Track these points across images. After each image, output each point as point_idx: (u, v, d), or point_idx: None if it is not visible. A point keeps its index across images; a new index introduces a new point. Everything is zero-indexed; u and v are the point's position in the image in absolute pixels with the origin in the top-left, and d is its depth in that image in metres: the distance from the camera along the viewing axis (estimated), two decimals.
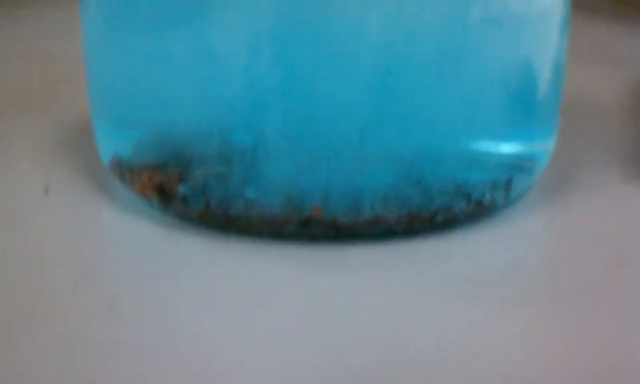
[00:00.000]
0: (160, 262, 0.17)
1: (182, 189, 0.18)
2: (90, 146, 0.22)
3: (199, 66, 0.17)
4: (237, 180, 0.17)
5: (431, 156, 0.17)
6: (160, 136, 0.18)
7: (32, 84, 0.34)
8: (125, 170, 0.19)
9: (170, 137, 0.18)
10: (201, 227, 0.18)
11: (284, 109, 0.17)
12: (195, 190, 0.17)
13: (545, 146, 0.20)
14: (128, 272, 0.16)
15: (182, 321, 0.14)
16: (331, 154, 0.17)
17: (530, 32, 0.18)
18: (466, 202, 0.18)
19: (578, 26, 0.24)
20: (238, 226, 0.17)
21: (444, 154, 0.17)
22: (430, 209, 0.17)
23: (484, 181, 0.18)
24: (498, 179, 0.18)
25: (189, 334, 0.14)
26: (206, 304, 0.15)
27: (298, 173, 0.17)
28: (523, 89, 0.19)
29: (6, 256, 0.17)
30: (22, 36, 0.47)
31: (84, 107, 0.21)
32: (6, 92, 0.32)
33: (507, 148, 0.19)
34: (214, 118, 0.17)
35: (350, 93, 0.16)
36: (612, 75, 0.35)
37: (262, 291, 0.15)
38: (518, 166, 0.19)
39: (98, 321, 0.14)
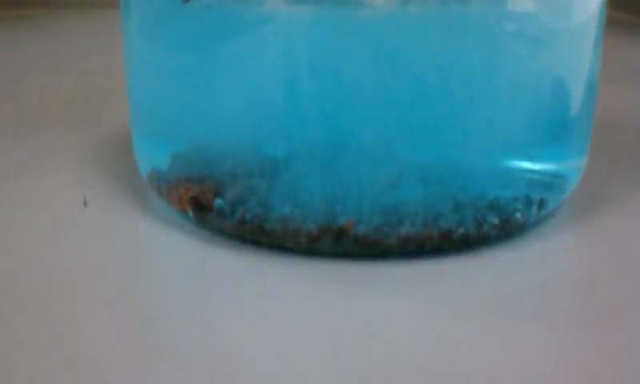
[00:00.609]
0: (196, 276, 0.17)
1: (217, 202, 0.18)
2: (129, 160, 0.22)
3: (236, 83, 0.17)
4: (272, 194, 0.17)
5: (463, 173, 0.17)
6: (197, 150, 0.19)
7: (73, 97, 0.34)
8: (162, 184, 0.19)
9: (207, 151, 0.19)
10: (236, 241, 0.18)
11: (318, 124, 0.17)
12: (231, 204, 0.18)
13: (577, 164, 0.20)
14: (164, 286, 0.17)
15: (217, 334, 0.15)
16: (364, 170, 0.17)
17: (563, 51, 0.18)
18: (498, 219, 0.18)
19: (611, 44, 0.24)
20: (273, 240, 0.17)
21: (476, 172, 0.18)
22: (462, 226, 0.17)
23: (516, 198, 0.18)
24: (530, 197, 0.18)
25: (224, 347, 0.14)
26: (240, 318, 0.15)
27: (331, 188, 0.17)
28: (556, 107, 0.19)
29: (44, 267, 0.17)
30: (64, 49, 0.48)
31: (124, 121, 0.22)
32: (48, 105, 0.33)
33: (539, 166, 0.19)
34: (249, 132, 0.18)
35: (383, 109, 0.17)
36: None
37: (295, 306, 0.16)
38: (550, 183, 0.19)
39: (135, 333, 0.15)
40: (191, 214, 0.19)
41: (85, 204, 0.21)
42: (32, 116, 0.32)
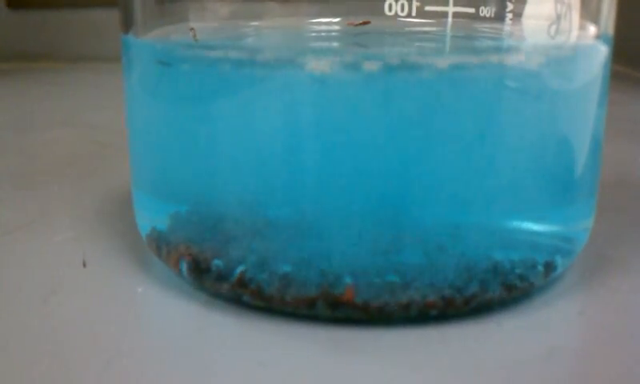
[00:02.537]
0: (192, 341, 0.17)
1: (216, 264, 0.18)
2: (129, 218, 0.22)
3: (236, 144, 0.17)
4: (271, 257, 0.17)
5: (467, 236, 0.17)
6: (197, 211, 0.19)
7: (78, 152, 0.35)
8: (161, 244, 0.19)
9: (206, 212, 0.18)
10: (235, 305, 0.18)
11: (319, 186, 0.17)
12: (229, 266, 0.18)
13: (584, 225, 0.20)
14: (160, 351, 0.16)
15: None
16: (364, 233, 0.17)
17: (568, 110, 0.18)
18: (502, 283, 0.17)
19: (615, 100, 0.24)
20: (271, 304, 0.17)
21: (480, 234, 0.17)
22: (466, 291, 0.17)
23: (521, 261, 0.18)
24: (536, 260, 0.18)
25: None
26: None
27: (330, 252, 0.17)
28: (562, 167, 0.18)
29: (40, 328, 0.17)
30: (71, 103, 0.49)
31: (126, 179, 0.22)
32: (52, 159, 0.33)
33: (545, 227, 0.18)
34: (250, 194, 0.17)
35: (383, 171, 0.16)
36: None
37: (292, 374, 0.15)
38: (557, 246, 0.19)
39: None
40: (190, 275, 0.18)
41: (84, 264, 0.21)
42: (35, 171, 0.32)
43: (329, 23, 0.21)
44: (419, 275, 0.17)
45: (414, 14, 0.17)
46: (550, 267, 0.18)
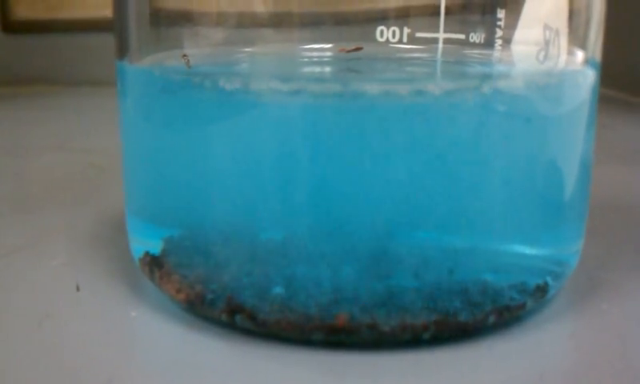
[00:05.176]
0: (186, 367, 0.17)
1: (209, 290, 0.18)
2: (123, 242, 0.22)
3: (229, 169, 0.17)
4: (264, 281, 0.17)
5: (458, 260, 0.17)
6: (190, 235, 0.19)
7: (73, 177, 0.35)
8: (154, 269, 0.19)
9: (199, 236, 0.18)
10: (228, 330, 0.18)
11: (312, 212, 0.17)
12: (222, 292, 0.18)
13: (573, 248, 0.20)
14: (153, 376, 0.16)
15: None
16: (357, 257, 0.17)
17: (557, 134, 0.18)
18: (494, 307, 0.17)
19: (603, 123, 0.24)
20: (264, 328, 0.17)
21: (471, 258, 0.17)
22: (457, 314, 0.17)
23: (512, 285, 0.18)
24: (527, 283, 0.18)
25: None
26: None
27: (323, 276, 0.17)
28: (552, 190, 0.19)
29: (34, 352, 0.17)
30: (66, 127, 0.49)
31: (120, 203, 0.22)
32: (47, 184, 0.33)
33: (536, 251, 0.19)
34: (243, 218, 0.18)
35: (376, 196, 0.17)
36: None
37: None
38: (547, 269, 0.19)
39: None
40: (183, 300, 0.18)
41: (77, 288, 0.21)
42: (30, 195, 0.32)
43: (321, 49, 0.21)
44: (411, 299, 0.17)
45: (405, 40, 0.17)
46: (540, 290, 0.18)
